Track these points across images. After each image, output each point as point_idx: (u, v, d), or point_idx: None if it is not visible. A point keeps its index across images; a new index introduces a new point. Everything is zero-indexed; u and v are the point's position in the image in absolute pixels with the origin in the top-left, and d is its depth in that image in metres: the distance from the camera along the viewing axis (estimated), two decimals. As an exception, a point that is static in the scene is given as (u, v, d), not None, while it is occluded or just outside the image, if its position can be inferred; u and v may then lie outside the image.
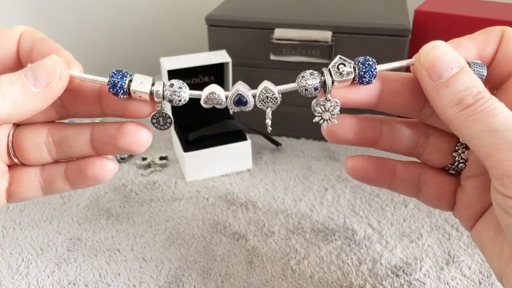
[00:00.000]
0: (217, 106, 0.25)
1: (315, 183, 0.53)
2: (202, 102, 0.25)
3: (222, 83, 0.58)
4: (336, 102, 0.25)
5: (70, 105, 0.27)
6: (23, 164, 0.27)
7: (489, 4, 0.60)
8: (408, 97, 0.26)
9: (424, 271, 0.41)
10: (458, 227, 0.46)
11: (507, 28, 0.25)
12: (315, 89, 0.24)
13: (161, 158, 0.57)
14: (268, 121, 0.26)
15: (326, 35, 0.54)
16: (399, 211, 0.48)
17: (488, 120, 0.22)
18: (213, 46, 0.59)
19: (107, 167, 0.27)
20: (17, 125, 0.27)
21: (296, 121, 0.61)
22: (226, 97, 0.25)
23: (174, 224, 0.47)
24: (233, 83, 0.58)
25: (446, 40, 0.26)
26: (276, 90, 0.25)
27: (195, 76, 0.58)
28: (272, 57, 0.57)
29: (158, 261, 0.42)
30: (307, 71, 0.25)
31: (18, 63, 0.26)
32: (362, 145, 0.28)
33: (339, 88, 0.25)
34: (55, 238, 0.45)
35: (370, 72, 0.24)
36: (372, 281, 0.40)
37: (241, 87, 0.25)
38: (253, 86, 0.26)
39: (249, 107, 0.25)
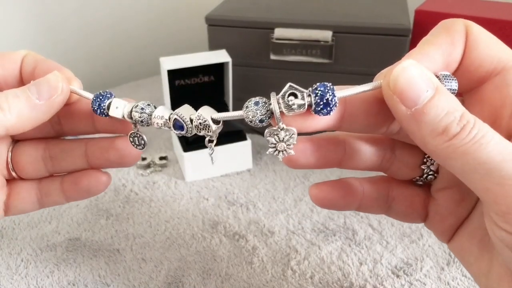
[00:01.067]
0: (164, 128, 0.25)
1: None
2: (153, 124, 0.25)
3: (222, 83, 0.58)
4: (292, 130, 0.22)
5: (66, 121, 0.28)
6: (21, 178, 0.29)
7: (490, 4, 0.60)
8: (372, 117, 0.23)
9: (425, 272, 0.41)
10: (459, 227, 0.46)
11: (470, 24, 0.22)
12: (260, 121, 0.22)
13: (161, 158, 0.57)
14: (210, 153, 0.25)
15: (326, 35, 0.54)
16: (399, 211, 0.48)
17: (480, 150, 0.19)
18: (213, 46, 0.59)
19: (100, 179, 0.28)
20: (16, 141, 0.29)
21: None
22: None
23: (174, 224, 0.47)
24: (233, 83, 0.57)
25: None
26: (210, 117, 0.23)
27: (195, 76, 0.58)
28: (272, 57, 0.56)
29: (157, 261, 0.42)
30: (252, 100, 0.22)
31: (20, 83, 0.27)
32: (325, 167, 0.27)
33: (293, 116, 0.22)
34: (54, 238, 0.45)
35: (328, 108, 0.21)
36: (372, 281, 0.40)
37: (181, 111, 0.24)
38: (253, 86, 0.26)
39: (188, 133, 0.24)
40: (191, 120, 0.24)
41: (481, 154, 0.19)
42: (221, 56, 0.55)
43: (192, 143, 0.55)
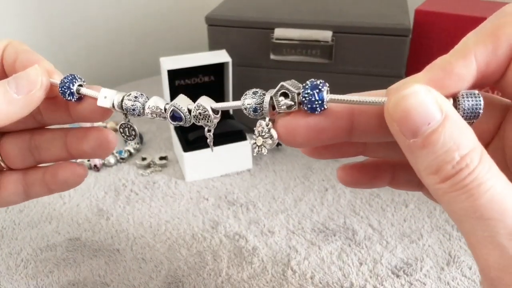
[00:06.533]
0: (159, 118, 0.24)
1: (315, 183, 0.53)
2: (147, 114, 0.24)
3: (222, 83, 0.58)
4: (271, 134, 0.21)
5: (44, 112, 0.28)
6: (10, 169, 0.29)
7: (489, 4, 0.60)
8: (385, 132, 0.20)
9: (425, 272, 0.41)
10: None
11: None
12: (254, 110, 0.21)
13: (161, 158, 0.57)
14: (209, 142, 0.25)
15: (326, 35, 0.54)
16: (399, 211, 0.48)
17: (471, 201, 0.17)
18: (213, 46, 0.59)
19: (76, 172, 0.28)
20: (2, 133, 0.29)
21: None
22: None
23: (174, 224, 0.47)
24: (233, 83, 0.57)
25: (447, 40, 0.23)
26: (210, 107, 0.23)
27: (195, 76, 0.58)
28: (272, 57, 0.56)
29: (158, 261, 0.42)
30: (252, 89, 0.22)
31: (3, 75, 0.27)
32: (347, 157, 0.26)
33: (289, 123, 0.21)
34: (54, 238, 0.45)
35: (314, 106, 0.20)
36: (372, 281, 0.40)
37: (179, 102, 0.23)
38: (253, 86, 0.25)
39: (187, 123, 0.24)
40: (189, 111, 0.23)
41: (470, 205, 0.17)
42: (221, 56, 0.55)
43: (192, 143, 0.55)
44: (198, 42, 0.81)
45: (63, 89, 0.25)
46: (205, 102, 0.23)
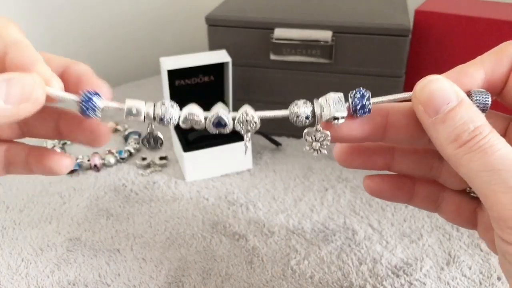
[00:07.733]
0: (195, 127, 0.25)
1: (315, 183, 0.53)
2: (180, 122, 0.25)
3: (222, 83, 0.58)
4: (327, 134, 0.25)
5: (32, 122, 0.27)
6: None
7: (490, 4, 0.60)
8: (414, 129, 0.25)
9: (425, 271, 0.41)
10: (459, 227, 0.46)
11: None
12: (306, 117, 0.25)
13: (161, 158, 0.57)
14: (247, 145, 0.26)
15: (326, 35, 0.54)
16: (399, 211, 0.48)
17: (485, 158, 0.21)
18: (213, 46, 0.59)
19: (63, 162, 0.27)
20: None
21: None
22: (205, 118, 0.25)
23: (174, 224, 0.47)
24: (233, 83, 0.57)
25: (446, 40, 0.25)
26: (256, 115, 0.25)
27: (195, 76, 0.58)
28: (272, 57, 0.57)
29: (158, 261, 0.42)
30: (301, 100, 0.25)
31: None
32: (374, 169, 0.29)
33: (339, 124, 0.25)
34: (54, 238, 0.45)
35: (363, 110, 0.24)
36: (372, 281, 0.40)
37: (221, 110, 0.25)
38: (253, 86, 0.26)
39: (228, 129, 0.25)
40: (232, 118, 0.25)
41: (485, 161, 0.21)
42: (221, 56, 0.55)
43: (192, 143, 0.55)
44: (198, 42, 0.81)
45: (86, 109, 0.24)
46: (251, 110, 0.25)
